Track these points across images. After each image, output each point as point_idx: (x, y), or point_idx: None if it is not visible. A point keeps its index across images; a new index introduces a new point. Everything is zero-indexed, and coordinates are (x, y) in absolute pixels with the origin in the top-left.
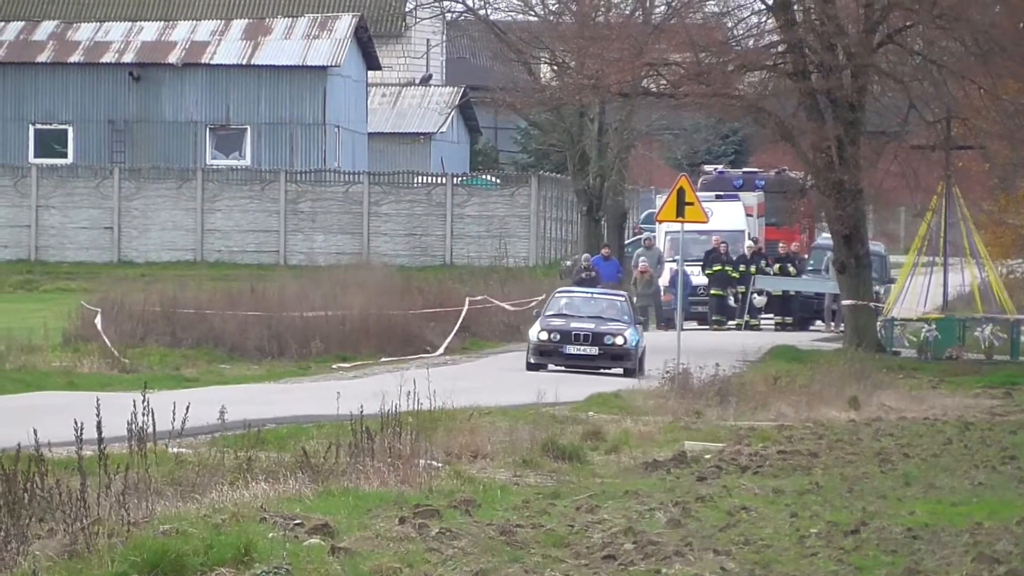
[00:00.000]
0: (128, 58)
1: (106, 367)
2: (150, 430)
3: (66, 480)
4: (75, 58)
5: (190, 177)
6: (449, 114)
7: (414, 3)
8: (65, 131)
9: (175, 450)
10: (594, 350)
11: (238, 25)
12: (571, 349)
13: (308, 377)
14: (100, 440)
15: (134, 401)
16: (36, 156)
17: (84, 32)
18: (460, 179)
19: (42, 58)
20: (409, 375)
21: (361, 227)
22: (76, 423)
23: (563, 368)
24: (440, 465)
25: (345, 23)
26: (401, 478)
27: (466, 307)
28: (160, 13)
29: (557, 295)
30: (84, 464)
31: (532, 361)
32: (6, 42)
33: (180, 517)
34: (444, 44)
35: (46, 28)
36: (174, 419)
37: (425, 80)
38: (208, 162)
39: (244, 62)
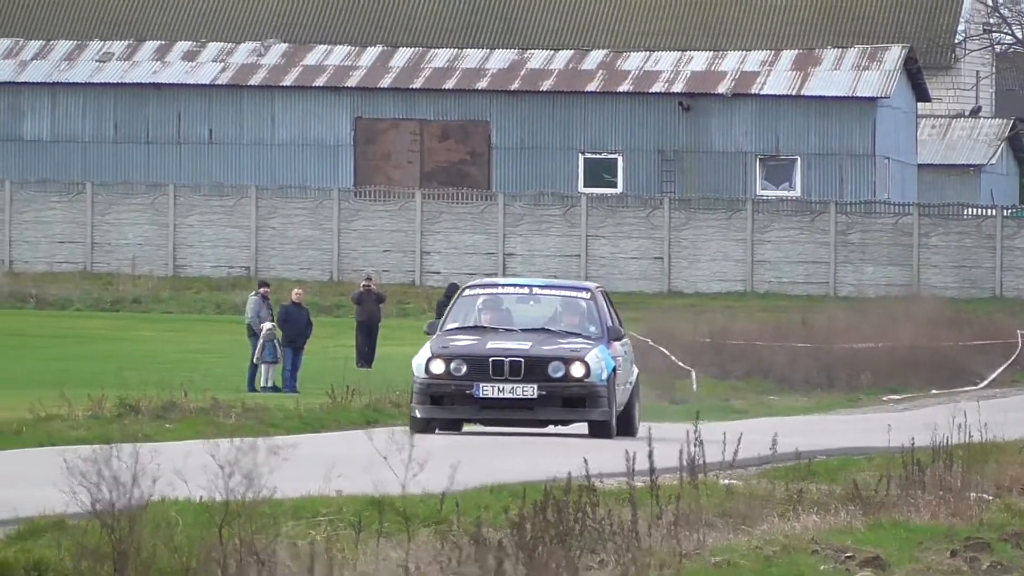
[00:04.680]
0: (677, 88)
1: (655, 398)
2: (701, 461)
3: (617, 511)
4: (624, 87)
5: (739, 208)
6: (999, 146)
7: (963, 35)
8: (615, 160)
9: (725, 481)
10: (530, 389)
11: (787, 56)
12: (487, 389)
13: (858, 409)
14: (652, 470)
15: (687, 431)
16: (585, 185)
17: (632, 61)
18: (1010, 211)
19: (591, 87)
20: (959, 407)
21: (910, 259)
22: (627, 453)
23: (474, 426)
24: (991, 498)
25: (894, 55)
26: (951, 511)
27: (1020, 341)
28: (708, 43)
29: (467, 294)
30: (635, 495)
31: (418, 416)
32: (556, 70)
33: (731, 549)
34: (994, 76)
35: (595, 57)
36: (724, 450)
37: (975, 112)
38: (758, 193)
39: (793, 92)
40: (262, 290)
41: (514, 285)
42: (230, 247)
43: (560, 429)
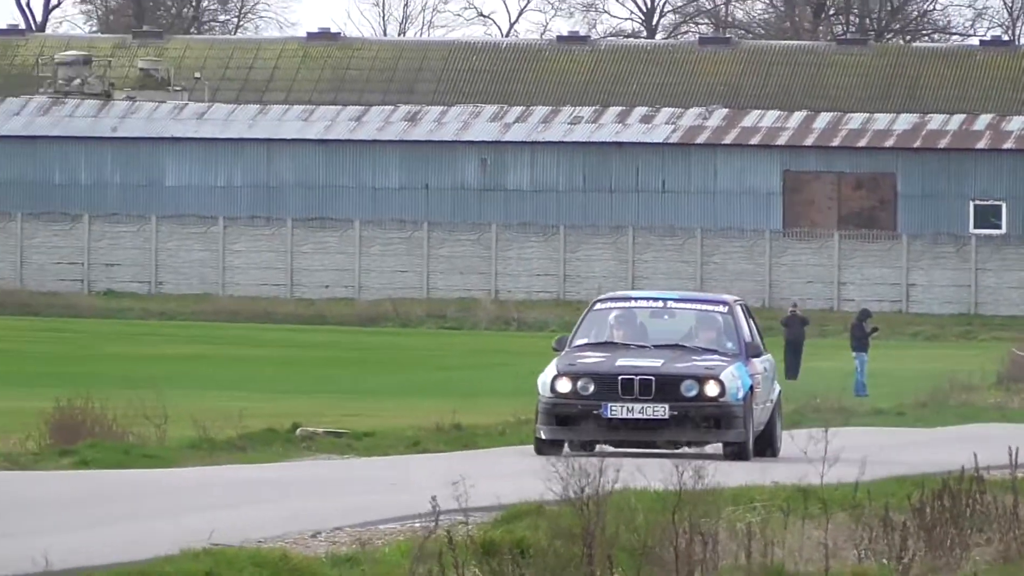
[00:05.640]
0: None
1: None
2: None
3: (1001, 497)
4: (1008, 145)
5: None
6: None
7: None
8: (999, 206)
9: None
10: (661, 409)
11: None
12: (616, 409)
13: None
14: (1012, 464)
15: None
16: (975, 227)
17: (1015, 123)
18: None
19: (980, 145)
20: None
21: None
22: (1010, 449)
23: (604, 448)
24: None
25: None
26: None
27: None
28: None
29: (597, 308)
30: (1016, 484)
31: (543, 437)
32: (950, 131)
33: None
34: None
35: (983, 120)
36: None
37: None
38: None
39: None
40: None
41: (647, 299)
42: (680, 279)
43: (695, 450)
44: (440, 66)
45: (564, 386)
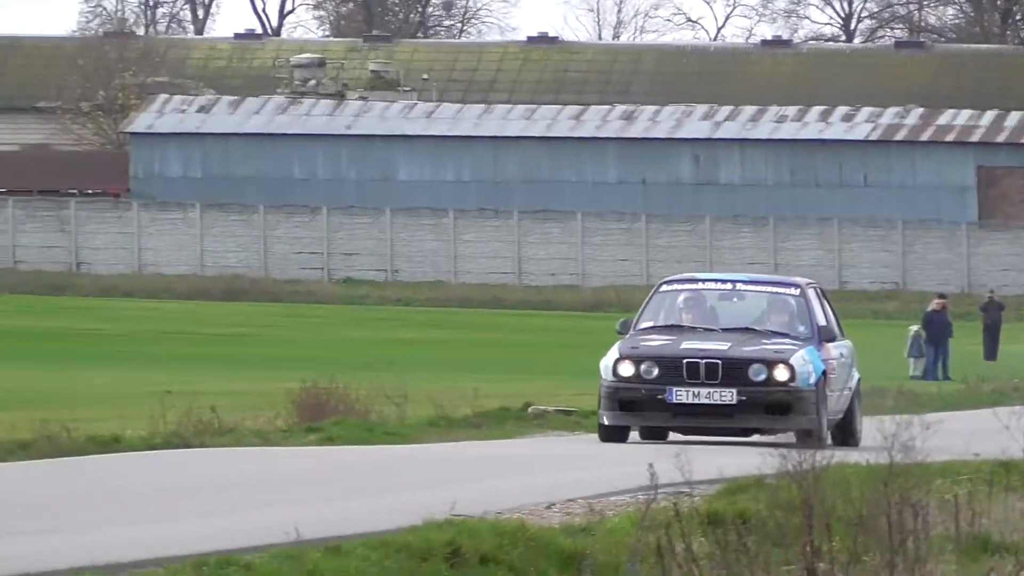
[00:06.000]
0: None
1: None
2: None
3: None
4: None
5: None
6: None
7: None
8: None
9: None
10: (728, 394)
11: None
12: (681, 394)
13: None
14: None
15: None
16: None
17: None
18: None
19: None
20: None
21: None
22: None
23: (672, 434)
24: None
25: None
26: None
27: None
28: None
29: (663, 290)
30: None
31: (606, 423)
32: None
33: None
34: None
35: None
36: None
37: None
38: None
39: None
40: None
41: (715, 280)
42: (884, 267)
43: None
44: (653, 68)
45: (627, 370)
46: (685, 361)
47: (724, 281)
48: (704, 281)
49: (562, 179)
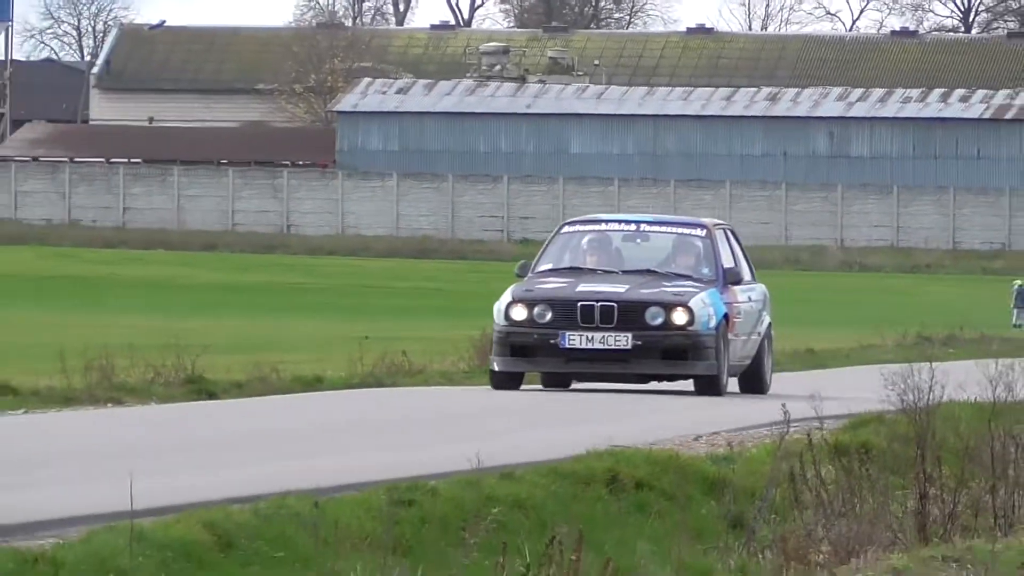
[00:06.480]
0: None
1: None
2: None
3: None
4: None
5: None
6: None
7: None
8: None
9: None
10: (623, 339)
11: None
12: (574, 339)
13: None
14: None
15: None
16: None
17: None
18: None
19: None
20: None
21: None
22: None
23: (567, 380)
24: None
25: None
26: None
27: None
28: None
29: (564, 231)
30: None
31: (496, 369)
32: None
33: None
34: None
35: None
36: None
37: None
38: None
39: None
40: None
41: (618, 221)
42: (992, 230)
43: (666, 385)
44: (795, 56)
45: (519, 313)
46: (580, 304)
47: (628, 222)
48: (608, 222)
49: (713, 152)
